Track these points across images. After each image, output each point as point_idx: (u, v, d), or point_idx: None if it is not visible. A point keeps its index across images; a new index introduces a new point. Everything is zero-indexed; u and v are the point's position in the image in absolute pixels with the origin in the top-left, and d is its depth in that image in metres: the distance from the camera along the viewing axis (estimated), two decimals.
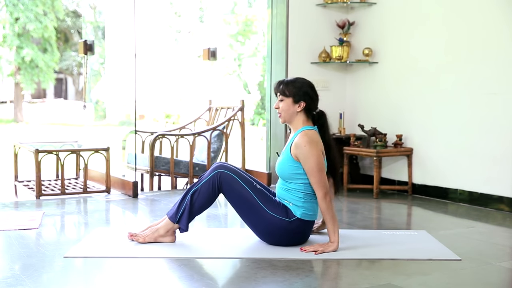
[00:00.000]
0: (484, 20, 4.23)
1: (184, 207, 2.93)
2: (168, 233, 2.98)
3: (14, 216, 3.71)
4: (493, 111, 4.19)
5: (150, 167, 4.87)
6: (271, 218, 2.87)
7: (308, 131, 2.92)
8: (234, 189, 2.90)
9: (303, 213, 2.90)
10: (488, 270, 2.66)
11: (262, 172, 5.19)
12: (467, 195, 4.37)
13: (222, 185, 2.90)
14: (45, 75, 17.35)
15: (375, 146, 4.76)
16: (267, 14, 5.23)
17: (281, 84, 3.00)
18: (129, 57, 4.90)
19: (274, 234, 2.91)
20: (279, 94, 3.00)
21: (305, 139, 2.87)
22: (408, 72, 4.84)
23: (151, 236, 2.98)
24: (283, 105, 2.98)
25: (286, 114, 2.98)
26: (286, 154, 2.94)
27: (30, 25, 16.28)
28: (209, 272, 2.55)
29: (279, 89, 2.99)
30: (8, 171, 6.04)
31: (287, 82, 2.99)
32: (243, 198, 2.89)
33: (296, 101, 2.96)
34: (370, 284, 2.40)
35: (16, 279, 2.41)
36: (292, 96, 2.96)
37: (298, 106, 2.96)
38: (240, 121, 5.28)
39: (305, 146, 2.86)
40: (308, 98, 2.97)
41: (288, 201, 2.92)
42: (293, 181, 2.92)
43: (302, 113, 2.97)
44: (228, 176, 2.91)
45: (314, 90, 3.01)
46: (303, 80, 3.01)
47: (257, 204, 2.88)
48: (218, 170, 2.92)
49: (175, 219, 2.94)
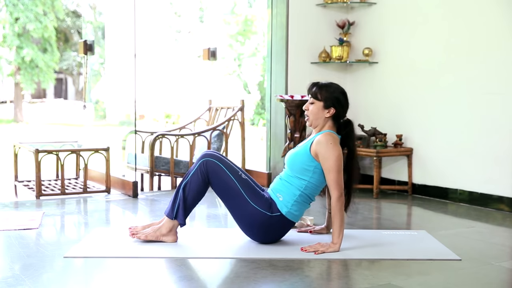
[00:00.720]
0: (484, 20, 4.23)
1: (179, 203, 2.93)
2: (170, 232, 2.98)
3: (14, 216, 3.71)
4: (493, 111, 4.19)
5: (150, 167, 4.87)
6: (252, 210, 2.86)
7: (333, 134, 2.92)
8: (219, 177, 2.89)
9: (288, 212, 2.89)
10: (488, 270, 2.66)
11: (262, 172, 5.19)
12: (467, 195, 4.37)
13: (209, 172, 2.90)
14: (45, 75, 17.35)
15: (375, 146, 4.76)
16: (267, 14, 5.23)
17: (315, 86, 2.98)
18: (129, 57, 4.90)
19: (252, 226, 2.90)
20: (310, 96, 2.98)
21: (330, 138, 2.87)
22: (408, 72, 4.84)
23: (153, 235, 2.98)
24: (313, 108, 2.96)
25: (314, 117, 2.96)
26: (304, 148, 2.92)
27: (30, 25, 16.29)
28: (209, 272, 2.55)
29: (312, 92, 2.97)
30: (8, 171, 6.04)
31: (321, 85, 2.97)
32: (227, 186, 2.89)
33: (326, 106, 2.95)
34: (370, 284, 2.40)
35: (16, 279, 2.41)
36: (324, 100, 2.94)
37: (328, 112, 2.95)
38: (240, 121, 5.28)
39: (331, 143, 2.84)
40: (339, 106, 2.96)
41: (281, 194, 2.91)
42: (299, 175, 2.90)
43: (330, 119, 2.96)
44: (213, 164, 2.90)
45: (346, 98, 3.00)
46: (337, 86, 2.99)
47: (240, 193, 2.88)
48: (204, 158, 2.91)
49: (172, 215, 2.95)
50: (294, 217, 2.93)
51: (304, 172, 2.90)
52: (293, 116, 4.71)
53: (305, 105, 3.01)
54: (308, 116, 2.99)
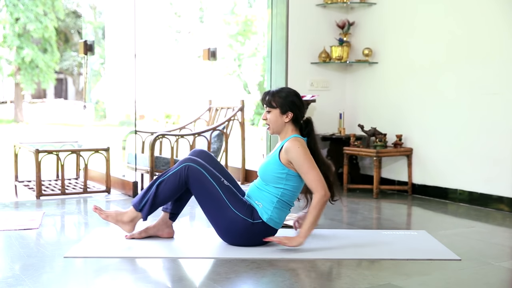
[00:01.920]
0: (484, 20, 4.24)
1: (148, 197, 2.93)
2: (130, 222, 2.99)
3: (14, 216, 3.72)
4: (493, 112, 4.19)
5: (150, 167, 4.87)
6: (234, 216, 2.86)
7: (299, 138, 2.93)
8: (201, 183, 2.88)
9: (269, 218, 2.88)
10: (488, 270, 2.66)
11: None
12: (467, 195, 4.37)
13: (189, 178, 2.89)
14: (45, 75, 17.36)
15: (375, 146, 4.76)
16: (267, 14, 5.23)
17: (267, 95, 2.99)
18: (129, 57, 4.90)
19: (233, 233, 2.89)
20: (265, 105, 3.00)
21: (297, 143, 2.88)
22: (408, 72, 4.84)
23: (113, 218, 2.99)
24: (271, 117, 2.98)
25: (274, 125, 2.98)
26: (274, 158, 2.93)
27: (30, 25, 16.29)
28: (209, 272, 2.55)
29: (266, 101, 2.99)
30: (8, 171, 6.04)
31: (273, 93, 2.98)
32: (208, 192, 2.88)
33: (283, 111, 2.96)
34: (370, 284, 2.41)
35: (16, 279, 2.42)
36: (280, 107, 2.96)
37: (286, 117, 2.96)
38: (240, 121, 5.28)
39: (299, 147, 2.85)
40: (295, 108, 2.96)
41: (260, 202, 2.90)
42: (273, 184, 2.90)
43: (290, 123, 2.98)
44: (195, 169, 2.89)
45: (300, 99, 3.00)
46: (289, 90, 3.01)
47: (222, 199, 2.87)
48: (186, 163, 2.90)
49: (138, 207, 2.95)
50: (276, 224, 2.91)
51: (278, 180, 2.90)
52: None
53: (263, 115, 3.03)
54: (268, 125, 3.00)
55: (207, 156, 3.09)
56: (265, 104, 3.00)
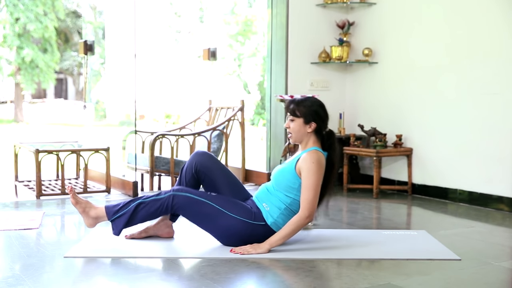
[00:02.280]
0: (484, 20, 4.24)
1: (125, 213, 2.89)
2: (94, 220, 2.94)
3: (14, 216, 3.72)
4: (493, 111, 4.19)
5: (150, 167, 4.87)
6: (231, 220, 2.84)
7: (319, 152, 2.90)
8: (191, 206, 2.86)
9: (273, 223, 2.87)
10: (488, 270, 2.66)
11: (262, 172, 5.19)
12: (467, 195, 4.37)
13: (178, 207, 2.87)
14: (45, 75, 17.36)
15: (375, 146, 4.76)
16: (267, 14, 5.23)
17: (292, 103, 2.97)
18: (129, 57, 4.90)
19: (234, 236, 2.86)
20: (289, 114, 2.97)
21: (315, 157, 2.85)
22: (408, 72, 4.84)
23: (82, 206, 2.94)
24: (294, 126, 2.95)
25: (297, 134, 2.96)
26: (290, 166, 2.91)
27: (31, 25, 16.29)
28: (209, 272, 2.55)
29: (290, 109, 2.97)
30: (9, 171, 6.05)
31: (298, 102, 2.96)
32: (201, 212, 2.86)
33: (307, 121, 2.94)
34: (370, 284, 2.41)
35: (17, 279, 2.42)
36: (303, 116, 2.94)
37: (309, 127, 2.94)
38: (240, 121, 5.28)
39: (313, 163, 2.83)
40: (319, 119, 2.95)
41: (267, 205, 2.89)
42: (284, 191, 2.89)
43: (313, 134, 2.96)
44: (181, 197, 2.86)
45: (324, 110, 2.99)
46: (313, 100, 2.99)
47: (216, 209, 2.85)
48: (172, 193, 2.88)
49: (111, 217, 2.91)
50: (278, 229, 2.89)
51: (289, 189, 2.88)
52: None
53: (286, 123, 3.00)
54: (290, 133, 2.97)
55: (210, 159, 3.06)
56: (289, 112, 2.97)
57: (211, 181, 3.03)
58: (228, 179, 3.04)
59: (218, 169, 3.04)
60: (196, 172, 3.02)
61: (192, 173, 3.03)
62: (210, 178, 3.02)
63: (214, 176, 3.02)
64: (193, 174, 3.03)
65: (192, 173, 3.03)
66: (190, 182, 3.04)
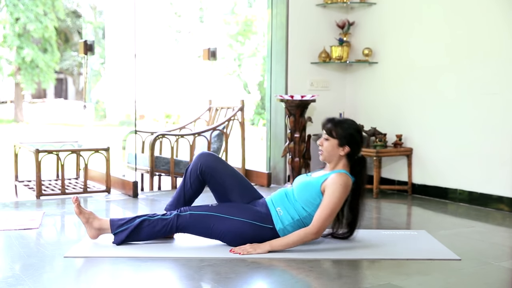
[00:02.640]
0: (484, 20, 4.24)
1: (128, 228, 2.89)
2: (98, 230, 2.94)
3: (14, 216, 3.72)
4: (493, 111, 4.19)
5: (150, 167, 4.88)
6: (238, 224, 2.84)
7: (348, 176, 2.88)
8: (194, 223, 2.87)
9: (281, 229, 2.87)
10: (488, 270, 2.66)
11: (262, 172, 5.19)
12: (467, 195, 4.37)
13: (183, 227, 2.88)
14: (46, 75, 17.35)
15: (375, 146, 4.76)
16: (267, 14, 5.23)
17: (330, 122, 2.96)
18: (129, 57, 4.91)
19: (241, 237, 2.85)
20: (325, 132, 2.97)
21: (344, 181, 2.84)
22: (408, 72, 4.84)
23: (85, 217, 2.93)
24: (327, 145, 2.94)
25: (328, 154, 2.95)
26: (316, 183, 2.88)
27: (31, 25, 16.29)
28: (209, 272, 2.55)
29: (326, 128, 2.96)
30: (9, 171, 6.05)
31: (336, 122, 2.95)
32: (208, 226, 2.86)
33: (341, 144, 2.93)
34: (370, 284, 2.41)
35: (17, 279, 2.42)
36: (339, 138, 2.93)
37: (342, 150, 2.93)
38: (240, 121, 5.28)
39: (341, 185, 2.82)
40: (354, 144, 2.94)
41: (281, 210, 2.88)
42: (303, 204, 2.87)
43: (344, 157, 2.95)
44: (184, 216, 2.87)
45: (361, 136, 2.98)
46: (351, 123, 2.98)
47: (221, 218, 2.85)
48: (177, 213, 2.89)
49: (114, 230, 2.90)
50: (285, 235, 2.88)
51: (309, 204, 2.87)
52: (293, 116, 4.72)
53: (320, 141, 2.98)
54: (322, 151, 2.96)
55: (216, 160, 3.05)
56: (324, 131, 2.97)
57: (217, 182, 3.01)
58: (235, 179, 3.02)
59: (225, 169, 3.03)
60: (202, 173, 3.01)
61: (197, 174, 3.02)
62: (216, 179, 3.01)
63: (220, 177, 3.00)
64: (198, 176, 3.02)
65: (197, 174, 3.02)
66: (194, 183, 3.04)
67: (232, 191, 3.00)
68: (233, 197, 2.99)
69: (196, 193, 3.08)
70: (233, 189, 3.00)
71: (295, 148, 4.75)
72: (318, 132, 5.21)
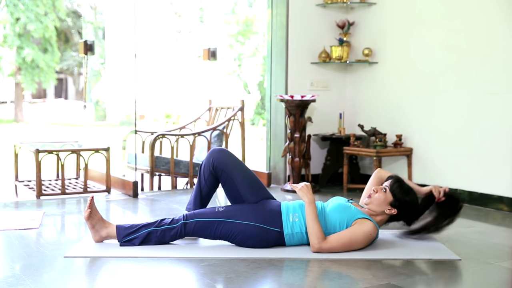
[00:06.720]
0: (484, 20, 4.24)
1: (135, 239, 2.90)
2: (103, 237, 2.96)
3: (14, 216, 3.72)
4: (493, 111, 4.19)
5: (150, 167, 4.88)
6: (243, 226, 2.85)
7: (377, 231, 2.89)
8: (202, 229, 2.88)
9: (288, 234, 2.87)
10: (488, 270, 2.66)
11: (262, 172, 5.19)
12: (467, 195, 4.37)
13: (190, 233, 2.90)
14: (46, 75, 17.36)
15: (375, 146, 4.76)
16: (267, 14, 5.23)
17: (397, 182, 2.97)
18: (129, 57, 4.91)
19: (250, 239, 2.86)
20: (388, 184, 2.97)
21: (372, 232, 2.85)
22: (408, 72, 4.84)
23: (92, 223, 2.93)
24: (379, 196, 2.94)
25: (375, 204, 2.95)
26: (353, 215, 2.87)
27: (31, 25, 16.30)
28: (209, 272, 2.55)
29: (392, 180, 2.98)
30: (9, 171, 6.05)
31: (402, 185, 2.97)
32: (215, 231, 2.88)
33: (392, 205, 2.94)
34: (370, 284, 2.41)
35: (17, 278, 2.42)
36: (394, 198, 2.94)
37: (389, 210, 2.94)
38: (240, 121, 5.28)
39: (371, 234, 2.84)
40: (402, 212, 2.96)
41: (298, 217, 2.88)
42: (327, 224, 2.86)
43: (387, 216, 2.97)
44: (192, 223, 2.88)
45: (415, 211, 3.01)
46: (414, 197, 2.98)
47: (227, 223, 2.86)
48: (183, 221, 2.89)
49: (121, 239, 2.91)
50: (289, 242, 2.90)
51: (331, 226, 2.87)
52: (293, 116, 4.72)
53: (376, 187, 2.98)
54: (371, 197, 2.96)
55: (227, 155, 3.05)
56: (389, 180, 2.98)
57: (228, 178, 3.02)
58: (246, 175, 3.03)
59: (236, 165, 3.04)
60: (214, 169, 3.03)
61: (210, 170, 3.04)
62: (228, 175, 3.02)
63: (231, 173, 3.01)
64: (211, 171, 3.04)
65: (210, 170, 3.04)
66: (209, 180, 3.06)
67: (242, 186, 3.00)
68: (243, 192, 3.00)
69: (212, 189, 3.10)
70: (243, 184, 3.00)
71: (295, 148, 4.75)
72: (318, 132, 5.21)
